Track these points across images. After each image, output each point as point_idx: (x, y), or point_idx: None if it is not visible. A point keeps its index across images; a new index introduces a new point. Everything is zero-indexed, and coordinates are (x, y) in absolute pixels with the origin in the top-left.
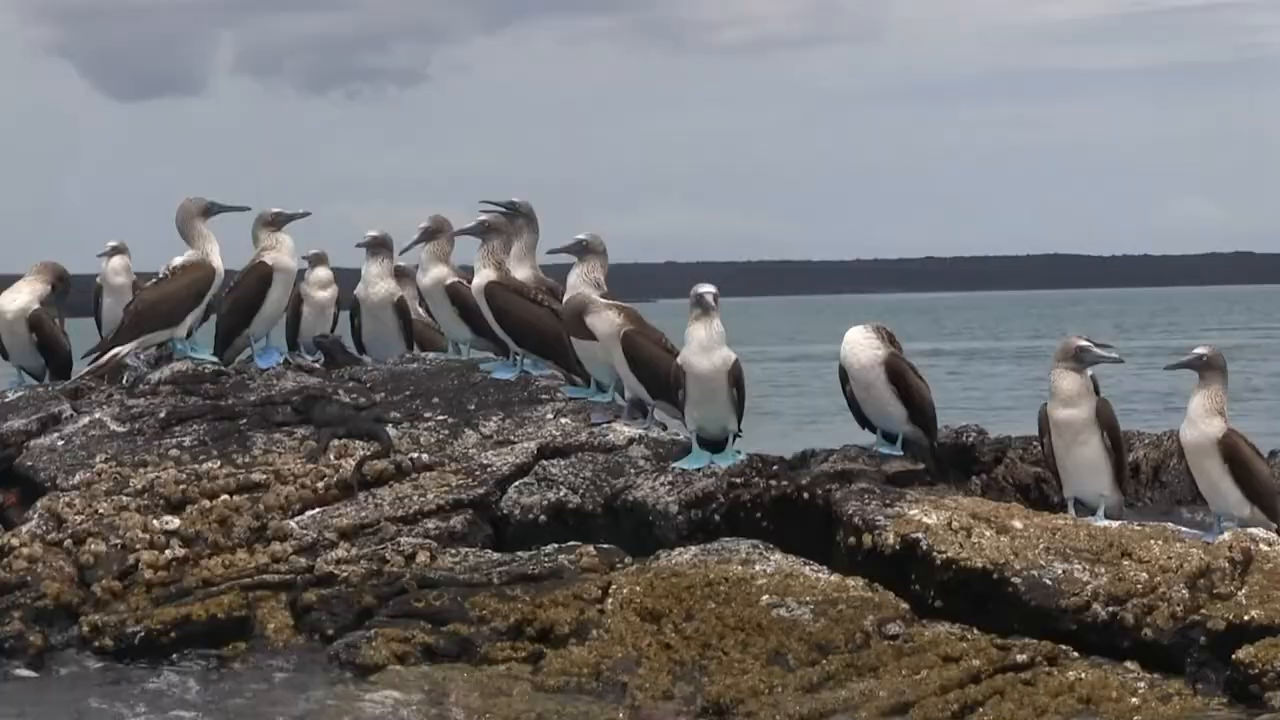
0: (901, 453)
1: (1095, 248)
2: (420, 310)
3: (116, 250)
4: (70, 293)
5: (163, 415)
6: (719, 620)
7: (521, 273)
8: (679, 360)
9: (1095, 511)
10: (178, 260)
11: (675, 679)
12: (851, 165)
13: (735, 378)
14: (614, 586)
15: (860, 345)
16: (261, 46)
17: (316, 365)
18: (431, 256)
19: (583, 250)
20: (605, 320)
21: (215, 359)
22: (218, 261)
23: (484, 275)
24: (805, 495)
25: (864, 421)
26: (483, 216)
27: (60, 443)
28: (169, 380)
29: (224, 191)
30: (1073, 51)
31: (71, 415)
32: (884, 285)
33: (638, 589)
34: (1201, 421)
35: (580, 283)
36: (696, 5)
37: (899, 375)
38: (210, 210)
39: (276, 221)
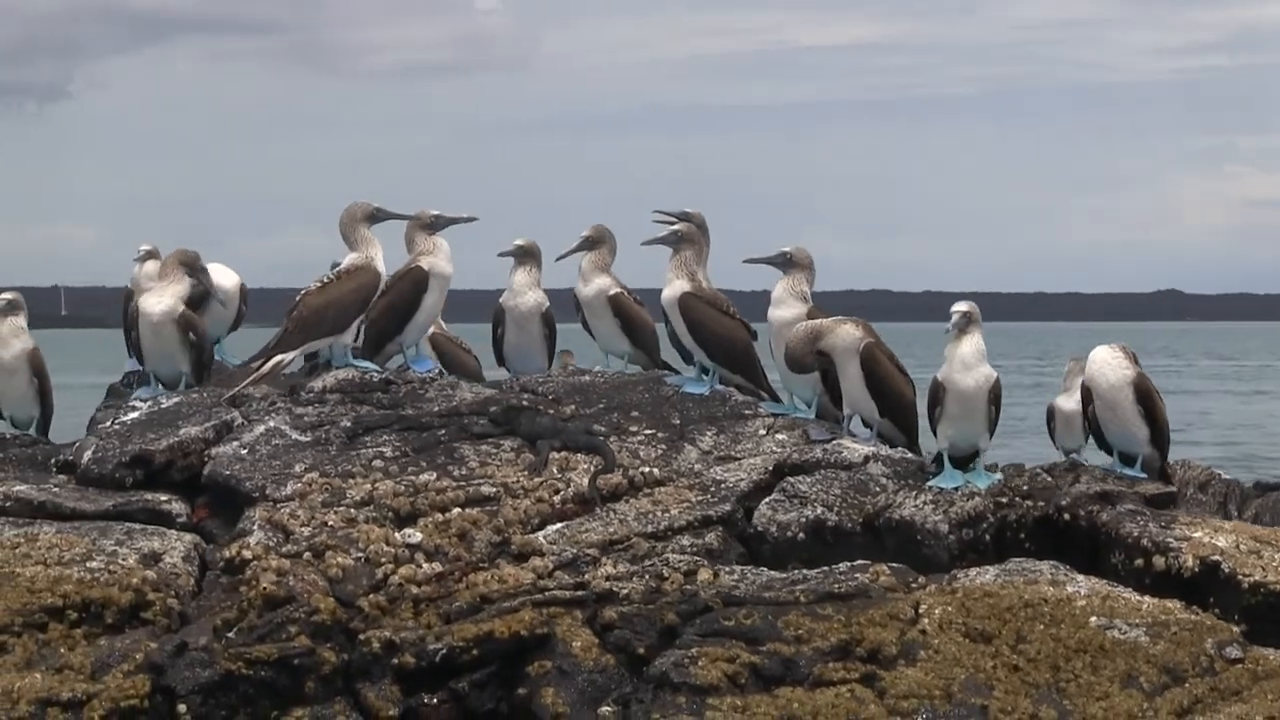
0: (1145, 475)
1: (741, 282)
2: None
3: (150, 255)
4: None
5: (346, 425)
6: (1056, 642)
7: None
8: (939, 377)
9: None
10: (341, 264)
11: (1035, 702)
12: (498, 191)
13: (995, 395)
14: (924, 607)
15: (1109, 365)
16: None
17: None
18: (593, 267)
19: (787, 263)
20: (846, 336)
21: (378, 368)
22: (382, 266)
23: (677, 286)
24: (1067, 516)
25: (1102, 443)
26: (677, 226)
27: (244, 451)
28: (336, 389)
29: None
30: (717, 87)
31: (243, 424)
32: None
33: (950, 609)
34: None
35: (787, 295)
36: (348, 29)
37: (1147, 395)
38: (376, 216)
39: (435, 225)
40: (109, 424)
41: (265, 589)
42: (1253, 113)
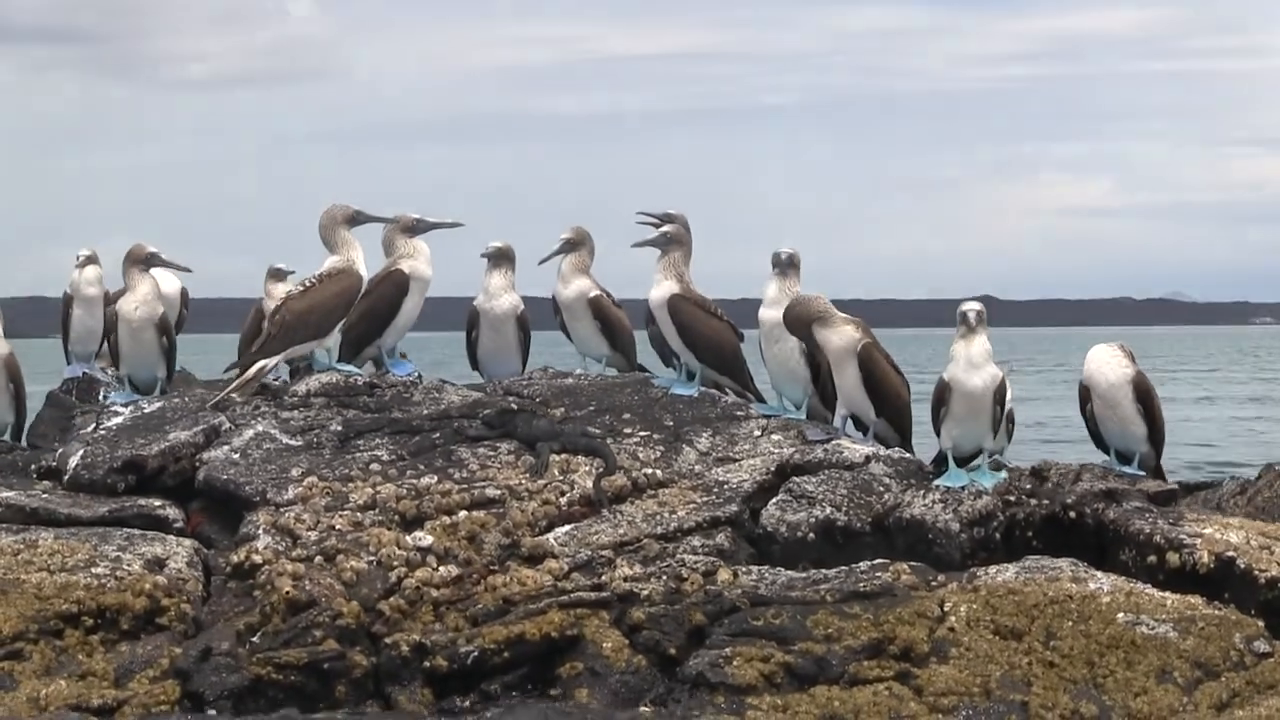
0: (1143, 473)
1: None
2: None
3: (89, 260)
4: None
5: (336, 428)
6: (1087, 638)
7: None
8: (944, 377)
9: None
10: (322, 268)
11: (1074, 698)
12: (313, 202)
13: (1000, 395)
14: (949, 605)
15: (1108, 363)
16: None
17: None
18: (573, 269)
19: (786, 266)
20: (844, 335)
21: (359, 371)
22: (364, 269)
23: (665, 288)
24: (1073, 514)
25: (1099, 441)
26: (666, 228)
27: (236, 456)
28: (320, 393)
29: None
30: (532, 95)
31: (231, 428)
32: None
33: (975, 607)
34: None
35: (782, 296)
36: (164, 39)
37: (1146, 394)
38: (356, 219)
39: (417, 228)
40: (91, 430)
41: (288, 593)
42: (1066, 121)
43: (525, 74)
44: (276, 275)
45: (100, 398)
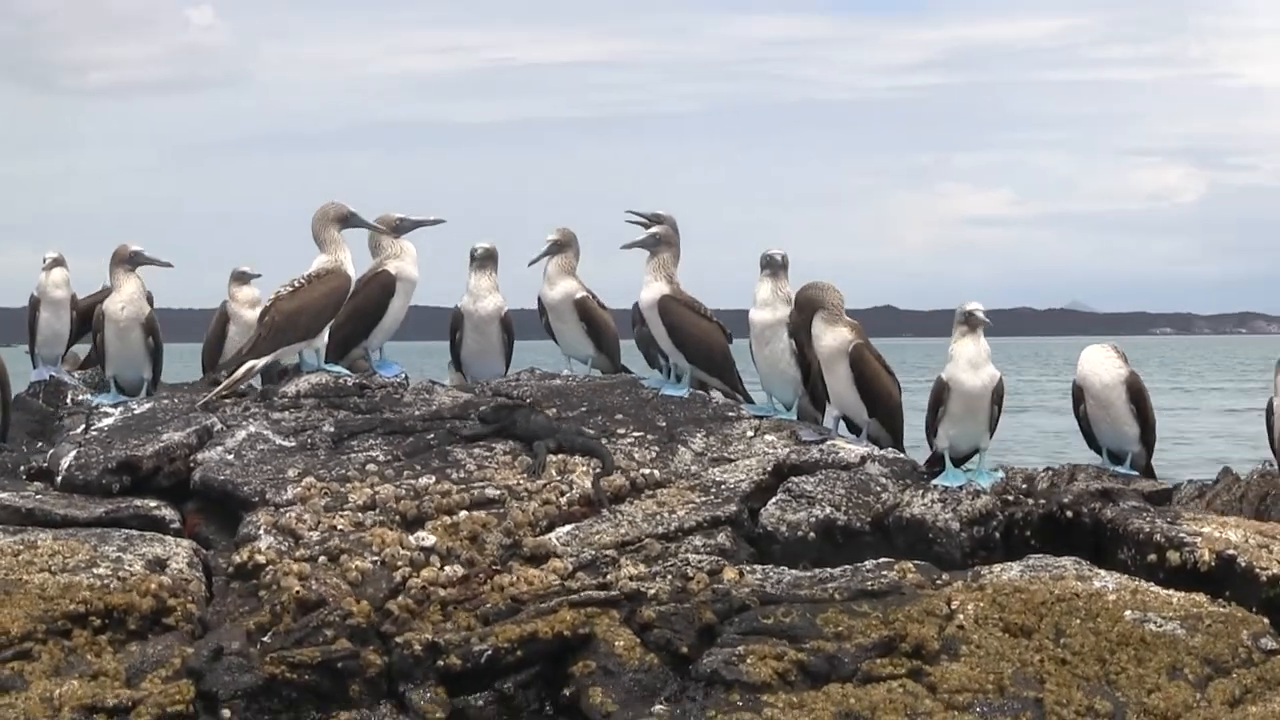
0: (1136, 472)
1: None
2: None
3: (56, 262)
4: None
5: (329, 429)
6: (1097, 635)
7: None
8: (943, 376)
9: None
10: (311, 268)
11: (1087, 694)
12: (217, 210)
13: (998, 395)
14: (956, 603)
15: (1103, 364)
16: None
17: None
18: (559, 270)
19: (779, 267)
20: (837, 335)
21: (348, 372)
22: (352, 269)
23: (656, 289)
24: (1070, 513)
25: (1091, 441)
26: (655, 230)
27: (230, 457)
28: (310, 393)
29: None
30: (439, 103)
31: (223, 429)
32: None
33: (983, 605)
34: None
35: (774, 298)
36: (66, 47)
37: (1139, 394)
38: (349, 221)
39: (401, 228)
40: (81, 430)
41: (298, 593)
42: (968, 130)
43: (432, 82)
44: (240, 278)
45: (68, 400)
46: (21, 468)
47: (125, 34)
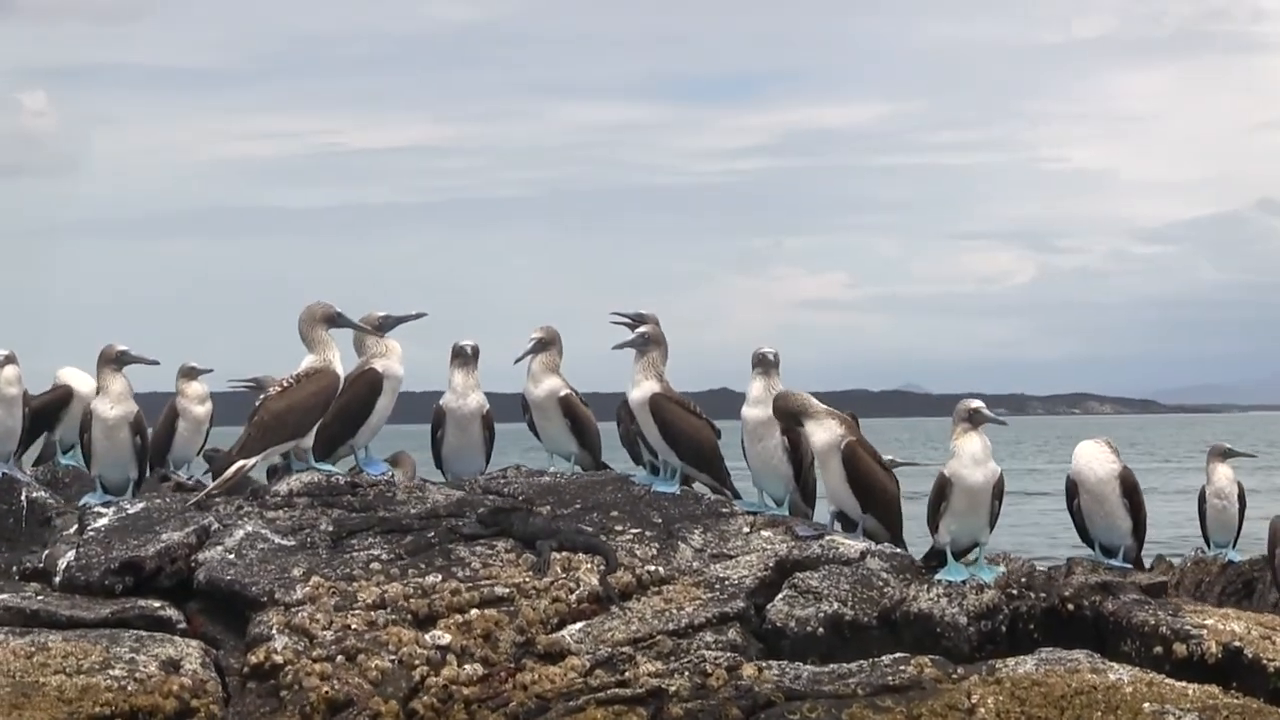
0: (1130, 565)
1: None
2: None
3: (8, 359)
4: None
5: (327, 528)
6: None
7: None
8: (945, 472)
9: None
10: (299, 368)
11: None
12: (58, 297)
13: (999, 490)
14: (975, 697)
15: (1097, 459)
16: None
17: (193, 483)
18: (543, 368)
19: (771, 365)
20: (829, 430)
21: (338, 470)
22: (340, 368)
23: (646, 387)
24: (1071, 606)
25: (1084, 535)
26: (643, 329)
27: (231, 556)
28: (303, 492)
29: None
30: (270, 188)
31: (220, 528)
32: None
33: (1002, 698)
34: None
35: (766, 395)
36: None
37: (1132, 489)
38: (336, 321)
39: (385, 325)
40: (76, 530)
41: (327, 693)
42: (799, 214)
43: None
44: (189, 374)
45: (21, 497)
46: (14, 568)
47: None
